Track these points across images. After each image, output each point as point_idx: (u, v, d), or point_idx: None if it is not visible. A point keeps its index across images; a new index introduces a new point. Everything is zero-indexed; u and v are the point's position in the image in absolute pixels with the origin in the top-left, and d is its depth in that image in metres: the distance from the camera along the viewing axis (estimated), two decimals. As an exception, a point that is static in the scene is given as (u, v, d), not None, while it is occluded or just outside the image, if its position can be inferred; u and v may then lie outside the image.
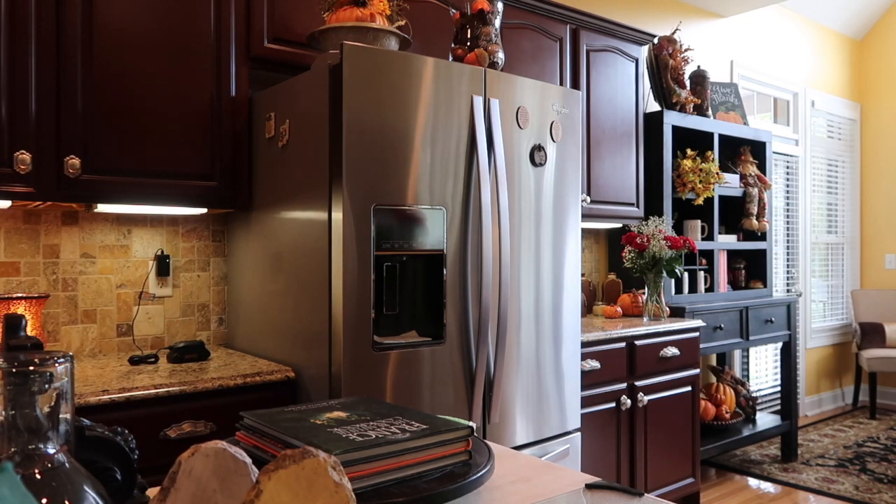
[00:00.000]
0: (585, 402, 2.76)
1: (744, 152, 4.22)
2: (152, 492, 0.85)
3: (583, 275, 3.76)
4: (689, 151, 3.71)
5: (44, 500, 0.51)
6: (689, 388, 3.28)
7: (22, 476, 0.51)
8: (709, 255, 3.95)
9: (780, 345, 4.38)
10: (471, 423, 0.92)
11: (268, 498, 0.58)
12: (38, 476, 0.52)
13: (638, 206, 3.55)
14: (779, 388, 4.96)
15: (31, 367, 0.54)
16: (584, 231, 3.77)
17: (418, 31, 2.60)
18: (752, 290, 4.14)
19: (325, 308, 1.93)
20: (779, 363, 4.90)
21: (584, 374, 2.74)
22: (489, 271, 2.12)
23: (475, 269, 2.15)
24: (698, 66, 4.11)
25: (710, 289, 3.90)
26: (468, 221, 2.13)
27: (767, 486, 3.76)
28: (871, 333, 5.22)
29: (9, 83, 1.83)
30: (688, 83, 3.89)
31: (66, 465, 0.55)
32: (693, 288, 3.86)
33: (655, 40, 3.79)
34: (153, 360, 2.11)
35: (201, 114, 2.16)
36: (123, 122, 2.01)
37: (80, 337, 2.22)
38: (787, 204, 5.37)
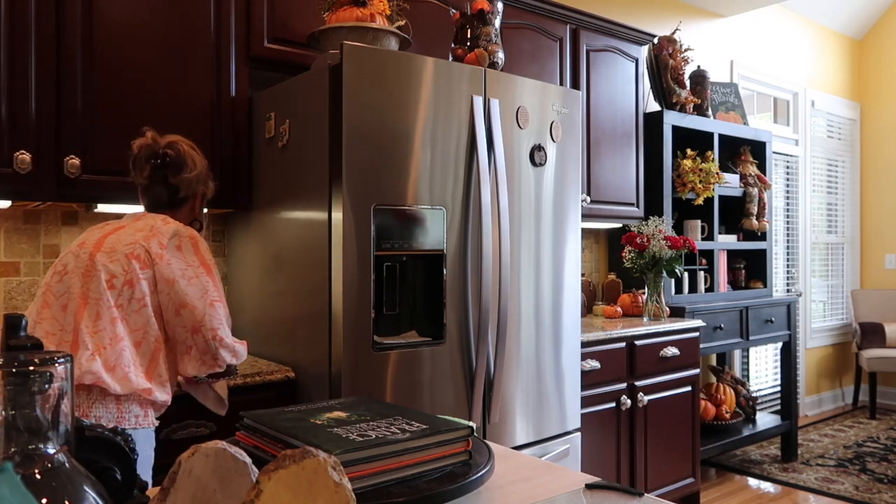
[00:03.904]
0: (585, 402, 2.76)
1: (744, 152, 4.22)
2: (152, 492, 0.85)
3: (583, 275, 3.76)
4: (689, 151, 3.71)
5: (44, 500, 0.51)
6: (689, 388, 3.28)
7: (22, 476, 0.51)
8: (709, 255, 3.95)
9: (780, 345, 4.38)
10: (471, 423, 0.92)
11: (268, 498, 0.58)
12: (38, 476, 0.52)
13: (638, 206, 3.55)
14: (779, 388, 4.96)
15: (31, 367, 0.54)
16: (584, 231, 3.77)
17: (418, 31, 2.60)
18: (752, 290, 4.14)
19: (325, 308, 1.93)
20: (779, 363, 4.90)
21: (584, 374, 2.74)
22: (489, 271, 2.12)
23: (475, 269, 2.15)
24: (698, 66, 4.11)
25: (710, 289, 3.90)
26: (468, 221, 2.13)
27: (767, 486, 3.76)
28: (871, 333, 5.22)
29: (9, 83, 1.83)
30: (688, 83, 3.89)
31: (66, 465, 0.55)
32: (693, 288, 3.85)
33: (655, 40, 3.79)
34: None
35: (201, 114, 2.16)
36: (123, 121, 2.01)
37: (80, 337, 2.22)
38: (787, 204, 5.37)
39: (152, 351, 1.54)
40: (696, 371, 3.32)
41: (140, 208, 1.78)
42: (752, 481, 3.85)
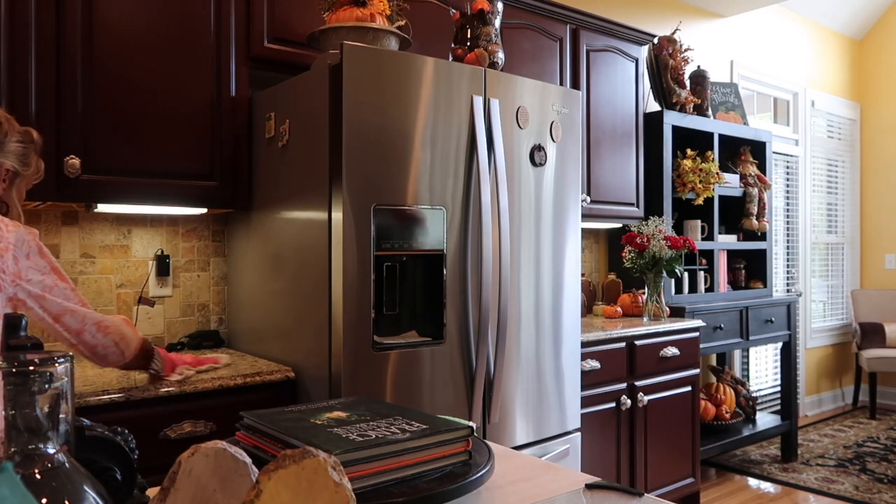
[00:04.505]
0: (585, 402, 2.76)
1: (744, 152, 4.22)
2: (152, 492, 0.85)
3: (583, 275, 3.76)
4: (689, 151, 3.71)
5: (44, 500, 0.51)
6: (689, 388, 3.28)
7: (22, 476, 0.51)
8: (709, 255, 3.95)
9: (780, 345, 4.38)
10: (471, 423, 0.92)
11: (268, 498, 0.58)
12: (38, 476, 0.52)
13: (638, 206, 3.55)
14: (779, 388, 4.96)
15: (31, 367, 0.54)
16: (584, 231, 3.77)
17: (418, 31, 2.60)
18: (752, 290, 4.14)
19: (325, 308, 1.93)
20: (779, 363, 4.90)
21: (584, 374, 2.74)
22: (489, 271, 2.12)
23: (475, 269, 2.15)
24: (698, 66, 4.11)
25: (710, 289, 3.90)
26: (468, 221, 2.13)
27: (767, 486, 3.76)
28: (871, 333, 5.22)
29: (9, 83, 1.83)
30: (688, 83, 3.89)
31: (66, 465, 0.55)
32: (693, 288, 3.85)
33: (655, 40, 3.79)
34: (180, 347, 2.32)
35: (201, 114, 2.16)
36: (123, 121, 2.01)
37: (80, 337, 2.22)
38: (787, 204, 5.37)
39: None
40: (696, 371, 3.32)
41: (142, 209, 1.76)
42: (752, 481, 3.85)
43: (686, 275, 3.82)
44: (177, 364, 1.91)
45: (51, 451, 0.54)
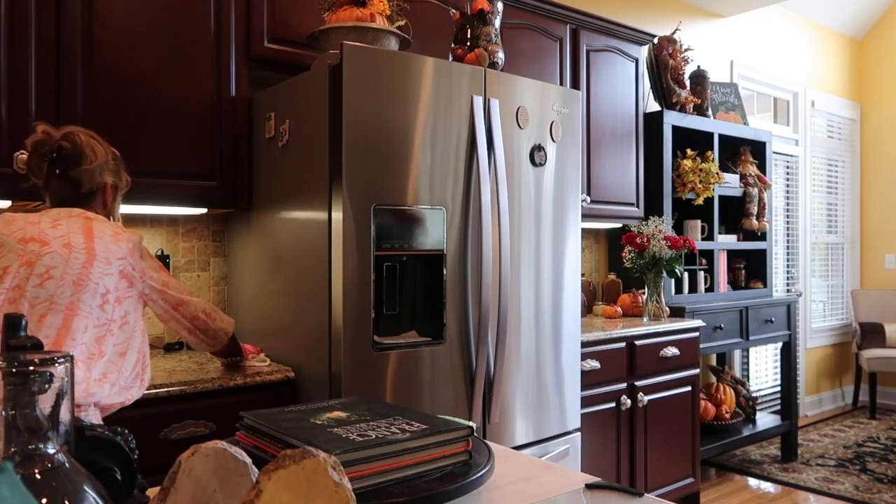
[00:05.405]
0: (585, 402, 2.76)
1: (744, 152, 4.22)
2: (152, 492, 0.85)
3: (583, 275, 3.76)
4: (689, 151, 3.71)
5: (44, 500, 0.51)
6: (689, 388, 3.28)
7: (22, 476, 0.51)
8: (709, 255, 3.95)
9: (780, 345, 4.38)
10: (471, 423, 0.92)
11: (268, 498, 0.58)
12: (38, 476, 0.52)
13: (638, 206, 3.55)
14: (779, 388, 4.96)
15: (31, 367, 0.54)
16: (584, 231, 3.77)
17: (418, 31, 2.60)
18: (752, 290, 4.14)
19: (325, 308, 1.93)
20: (779, 363, 4.90)
21: (584, 374, 2.74)
22: (489, 271, 2.12)
23: (475, 269, 2.15)
24: (698, 66, 4.11)
25: (710, 289, 3.90)
26: (468, 221, 2.13)
27: (767, 486, 3.76)
28: (871, 333, 5.22)
29: (9, 83, 1.83)
30: (688, 83, 3.89)
31: (66, 465, 0.55)
32: (693, 288, 3.85)
33: (655, 40, 3.79)
34: (179, 346, 2.34)
35: (201, 114, 2.16)
36: (123, 122, 2.01)
37: (80, 337, 2.22)
38: (787, 204, 5.36)
39: (130, 362, 1.51)
40: (696, 371, 3.32)
41: (142, 209, 1.78)
42: (752, 481, 3.84)
43: (686, 275, 3.82)
44: (247, 353, 2.09)
45: (51, 451, 0.54)
